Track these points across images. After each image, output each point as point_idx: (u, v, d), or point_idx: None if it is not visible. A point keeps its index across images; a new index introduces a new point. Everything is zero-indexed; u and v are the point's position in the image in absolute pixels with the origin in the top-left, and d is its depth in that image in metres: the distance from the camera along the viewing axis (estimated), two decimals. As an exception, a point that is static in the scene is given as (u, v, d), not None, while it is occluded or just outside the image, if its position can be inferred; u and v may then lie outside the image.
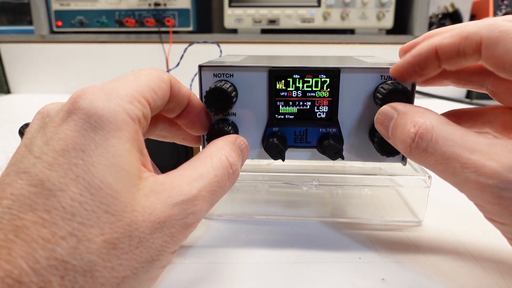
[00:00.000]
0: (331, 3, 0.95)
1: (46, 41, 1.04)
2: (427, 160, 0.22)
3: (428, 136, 0.21)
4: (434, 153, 0.21)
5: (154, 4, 0.98)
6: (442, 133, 0.21)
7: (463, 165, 0.20)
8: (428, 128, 0.21)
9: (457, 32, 0.23)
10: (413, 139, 0.22)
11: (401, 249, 0.29)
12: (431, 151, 0.21)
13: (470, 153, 0.20)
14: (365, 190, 0.40)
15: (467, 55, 0.23)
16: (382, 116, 0.25)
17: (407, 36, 0.99)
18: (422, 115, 0.22)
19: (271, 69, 0.28)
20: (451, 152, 0.21)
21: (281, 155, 0.29)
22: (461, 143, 0.20)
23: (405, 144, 0.22)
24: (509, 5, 0.97)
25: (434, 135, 0.21)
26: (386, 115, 0.25)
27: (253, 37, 1.00)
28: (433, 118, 0.22)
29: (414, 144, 0.22)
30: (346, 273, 0.26)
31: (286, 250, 0.29)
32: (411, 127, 0.22)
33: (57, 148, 0.18)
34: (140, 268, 0.18)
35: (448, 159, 0.21)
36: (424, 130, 0.22)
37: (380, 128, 0.26)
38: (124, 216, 0.18)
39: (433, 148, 0.21)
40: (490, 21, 0.21)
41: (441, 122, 0.22)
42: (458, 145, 0.20)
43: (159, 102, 0.23)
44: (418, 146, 0.22)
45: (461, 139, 0.21)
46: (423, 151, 0.22)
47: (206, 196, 0.21)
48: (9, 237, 0.16)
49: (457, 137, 0.21)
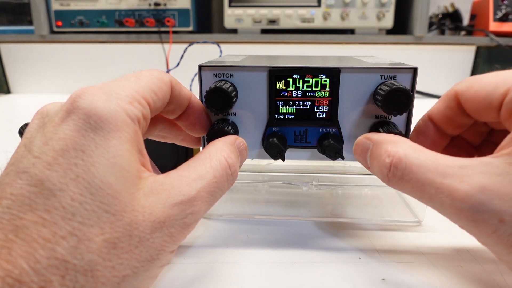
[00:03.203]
0: (331, 3, 0.95)
1: (46, 41, 1.05)
2: (404, 188, 0.22)
3: (402, 165, 0.22)
4: (409, 181, 0.21)
5: (154, 4, 0.98)
6: (415, 160, 0.21)
7: (437, 190, 0.20)
8: (402, 157, 0.22)
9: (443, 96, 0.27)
10: (389, 169, 0.22)
11: (401, 249, 0.29)
12: (406, 179, 0.22)
13: (443, 178, 0.20)
14: (365, 190, 0.40)
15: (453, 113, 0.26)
16: (358, 147, 0.26)
17: (407, 36, 0.99)
18: (395, 145, 0.23)
19: (271, 69, 0.28)
20: (425, 178, 0.21)
21: (281, 155, 0.29)
22: (434, 168, 0.21)
23: (383, 174, 0.23)
24: (509, 5, 0.97)
25: (407, 163, 0.22)
26: (363, 146, 0.26)
27: (253, 37, 1.00)
28: (406, 146, 0.22)
29: (390, 173, 0.22)
30: (346, 273, 0.26)
31: (286, 250, 0.29)
32: (385, 157, 0.23)
33: (57, 148, 0.18)
34: (140, 267, 0.18)
35: (423, 185, 0.21)
36: (398, 160, 0.22)
37: (359, 158, 0.27)
38: (124, 215, 0.18)
39: (408, 176, 0.21)
40: None
41: (413, 149, 0.22)
42: (431, 171, 0.21)
43: (159, 103, 0.23)
44: (394, 175, 0.22)
45: (433, 165, 0.21)
46: (399, 179, 0.22)
47: (205, 196, 0.21)
48: (9, 237, 0.16)
49: (429, 162, 0.21)
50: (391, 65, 0.28)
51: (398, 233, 0.32)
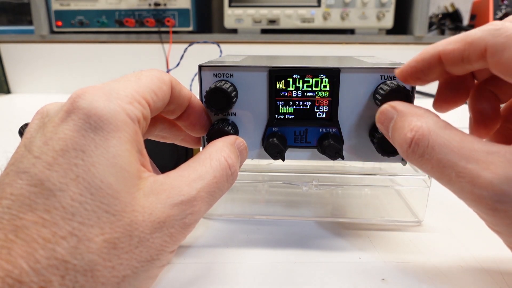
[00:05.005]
0: (331, 3, 0.95)
1: (46, 41, 1.05)
2: (423, 166, 0.21)
3: (425, 142, 0.21)
4: (430, 160, 0.21)
5: (154, 4, 0.98)
6: (439, 139, 0.20)
7: (458, 174, 0.20)
8: (425, 134, 0.21)
9: (462, 38, 0.22)
10: (409, 145, 0.21)
11: (401, 249, 0.29)
12: (427, 157, 0.21)
13: (467, 162, 0.19)
14: (365, 190, 0.40)
15: (471, 61, 0.22)
16: (382, 116, 0.25)
17: (407, 36, 0.99)
18: (420, 118, 0.22)
19: (271, 69, 0.28)
20: (447, 160, 0.20)
21: (281, 155, 0.29)
22: (458, 151, 0.20)
23: (402, 148, 0.22)
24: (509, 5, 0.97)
25: (430, 141, 0.21)
26: (386, 115, 0.24)
27: (253, 37, 1.00)
28: (431, 122, 0.21)
29: (410, 150, 0.21)
30: (346, 273, 0.26)
31: (286, 250, 0.29)
32: (408, 131, 0.22)
33: (57, 148, 0.18)
34: (140, 268, 0.18)
35: (444, 167, 0.20)
36: (420, 136, 0.21)
37: (381, 127, 0.25)
38: (124, 216, 0.18)
39: (429, 155, 0.21)
40: (496, 26, 0.20)
41: (439, 126, 0.21)
42: (455, 153, 0.20)
43: (159, 103, 0.23)
44: (414, 151, 0.21)
45: (458, 146, 0.20)
46: (419, 157, 0.21)
47: (205, 197, 0.21)
48: (9, 237, 0.16)
49: (454, 143, 0.20)
50: (391, 65, 0.28)
51: (398, 233, 0.32)
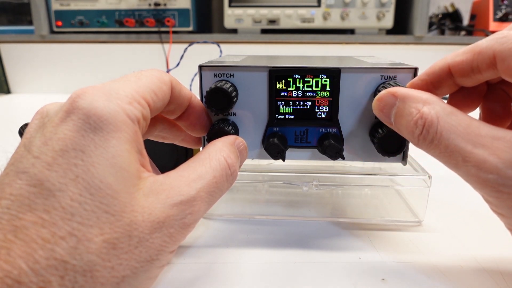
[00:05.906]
0: (331, 3, 0.95)
1: (46, 41, 1.05)
2: (432, 151, 0.22)
3: (434, 128, 0.21)
4: (438, 145, 0.21)
5: (154, 4, 0.98)
6: (446, 125, 0.21)
7: (465, 159, 0.20)
8: (434, 120, 0.21)
9: (470, 49, 0.23)
10: (421, 131, 0.22)
11: (401, 249, 0.29)
12: (436, 143, 0.21)
13: (473, 147, 0.20)
14: (365, 190, 0.40)
15: (481, 70, 0.22)
16: (381, 103, 0.25)
17: (407, 36, 0.99)
18: (427, 104, 0.22)
19: (272, 69, 0.28)
20: (454, 145, 0.21)
21: (281, 155, 0.29)
22: (464, 136, 0.20)
23: (413, 135, 0.23)
24: (509, 5, 0.97)
25: (439, 128, 0.21)
26: (386, 101, 0.25)
27: (253, 37, 1.00)
28: (438, 108, 0.22)
29: (421, 136, 0.22)
30: (346, 273, 0.26)
31: (286, 250, 0.29)
32: (418, 118, 0.22)
33: (56, 148, 0.18)
34: (140, 268, 0.18)
35: (452, 152, 0.21)
36: (430, 122, 0.22)
37: (380, 114, 0.25)
38: (124, 216, 0.18)
39: (437, 141, 0.21)
40: (501, 34, 0.21)
41: (446, 112, 0.22)
42: (461, 137, 0.20)
43: (159, 103, 0.23)
44: (425, 138, 0.22)
45: (464, 132, 0.21)
46: (429, 143, 0.22)
47: (205, 197, 0.21)
48: (8, 237, 0.16)
49: (460, 129, 0.21)
50: (391, 65, 0.28)
51: (398, 233, 0.32)
